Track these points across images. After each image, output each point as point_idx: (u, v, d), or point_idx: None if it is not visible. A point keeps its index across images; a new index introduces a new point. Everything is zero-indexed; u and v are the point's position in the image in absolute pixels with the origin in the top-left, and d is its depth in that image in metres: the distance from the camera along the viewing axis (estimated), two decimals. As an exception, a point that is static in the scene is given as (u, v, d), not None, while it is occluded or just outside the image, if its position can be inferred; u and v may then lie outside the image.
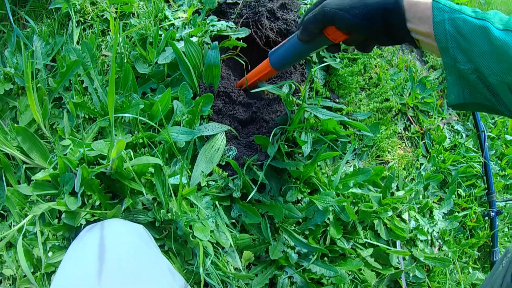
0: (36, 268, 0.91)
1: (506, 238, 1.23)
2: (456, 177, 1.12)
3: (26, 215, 0.88)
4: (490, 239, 1.17)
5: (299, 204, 0.87)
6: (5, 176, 0.90)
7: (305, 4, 1.08)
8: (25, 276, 0.88)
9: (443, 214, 1.07)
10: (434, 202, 1.08)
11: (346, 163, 0.91)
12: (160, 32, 0.94)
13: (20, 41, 1.03)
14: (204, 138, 0.83)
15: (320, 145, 0.87)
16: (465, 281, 1.11)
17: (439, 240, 1.07)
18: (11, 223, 0.89)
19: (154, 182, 0.81)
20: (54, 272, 0.85)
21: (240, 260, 0.82)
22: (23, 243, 0.87)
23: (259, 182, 0.77)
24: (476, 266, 1.16)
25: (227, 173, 0.82)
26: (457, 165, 1.14)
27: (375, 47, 1.06)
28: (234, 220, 0.83)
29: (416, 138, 1.11)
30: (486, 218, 1.17)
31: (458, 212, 1.12)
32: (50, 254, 0.90)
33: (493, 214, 1.14)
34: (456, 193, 1.12)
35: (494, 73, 0.53)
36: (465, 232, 1.14)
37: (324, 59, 0.97)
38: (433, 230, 1.02)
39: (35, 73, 1.00)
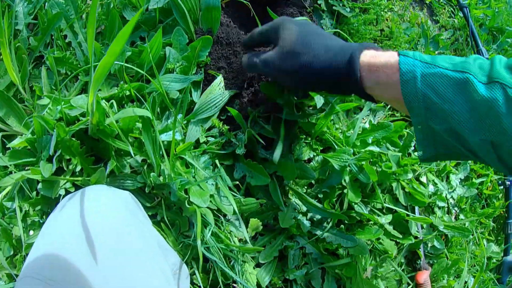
0: (17, 250, 0.70)
1: (520, 208, 1.04)
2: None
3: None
4: (505, 210, 0.98)
5: (311, 163, 0.68)
6: (-20, 146, 0.70)
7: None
8: (6, 259, 0.68)
9: (459, 180, 0.88)
10: (451, 166, 0.89)
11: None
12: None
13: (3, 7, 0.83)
14: (201, 87, 0.63)
15: (332, 98, 0.67)
16: (480, 253, 0.92)
17: (456, 208, 0.88)
18: (-13, 200, 0.69)
19: (143, 140, 0.61)
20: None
21: (246, 230, 0.62)
22: (1, 222, 0.67)
23: (282, 136, 0.57)
24: (490, 238, 0.98)
25: (228, 127, 0.61)
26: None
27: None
28: (237, 182, 0.62)
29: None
30: (501, 187, 0.98)
31: (475, 179, 0.93)
32: (31, 232, 0.70)
33: (509, 183, 0.97)
34: (472, 158, 0.94)
35: (475, 132, 0.41)
36: (480, 201, 0.96)
37: (334, 8, 0.77)
38: (451, 197, 0.84)
39: (15, 34, 0.80)
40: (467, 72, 0.41)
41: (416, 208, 0.80)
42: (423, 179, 0.81)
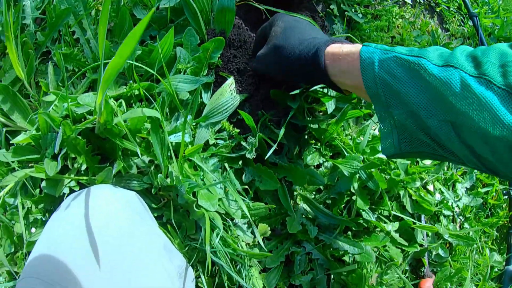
0: (17, 247, 0.69)
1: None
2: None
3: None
4: (508, 219, 0.98)
5: (320, 168, 0.67)
6: (-18, 141, 0.69)
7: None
8: (6, 256, 0.67)
9: (465, 189, 0.88)
10: (457, 175, 0.88)
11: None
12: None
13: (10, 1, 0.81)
14: (212, 89, 0.62)
15: (343, 104, 0.66)
16: (483, 262, 0.92)
17: (460, 217, 0.87)
18: (-11, 196, 0.68)
19: (151, 141, 0.60)
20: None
21: (253, 234, 0.61)
22: (3, 219, 0.66)
23: (279, 140, 0.57)
24: (493, 247, 0.98)
25: (238, 130, 0.61)
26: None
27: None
28: (246, 186, 0.62)
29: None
30: (506, 197, 0.98)
31: (480, 188, 0.93)
32: (33, 230, 0.69)
33: (513, 192, 0.96)
34: (478, 167, 0.93)
35: (433, 114, 0.42)
36: (485, 210, 0.96)
37: (346, 13, 0.77)
38: (457, 205, 0.83)
39: (22, 28, 0.79)
40: (422, 56, 0.42)
41: (422, 216, 0.79)
42: (430, 187, 0.81)
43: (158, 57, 0.64)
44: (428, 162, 0.80)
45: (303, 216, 0.64)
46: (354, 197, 0.65)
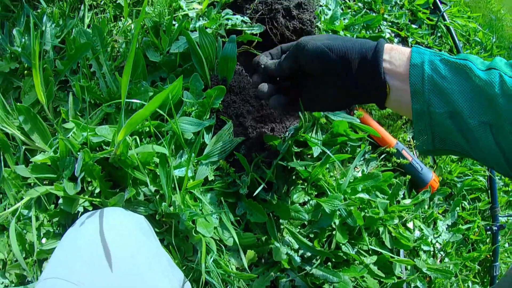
0: (28, 254, 0.83)
1: (506, 254, 1.16)
2: (462, 190, 1.05)
3: (22, 198, 0.80)
4: (491, 253, 1.10)
5: (306, 206, 0.80)
6: (3, 156, 0.82)
7: (321, 6, 1.02)
8: (16, 261, 0.80)
9: (446, 226, 1.00)
10: (438, 213, 1.01)
11: (354, 167, 0.84)
12: (173, 22, 0.87)
13: (29, 21, 0.96)
14: (213, 130, 0.76)
15: (329, 148, 0.80)
16: (463, 295, 1.04)
17: (441, 252, 1.00)
18: (6, 205, 0.81)
19: (158, 173, 0.74)
20: (46, 259, 0.77)
21: (242, 260, 0.74)
22: (16, 227, 0.79)
23: (266, 179, 0.70)
24: (475, 280, 1.10)
25: (234, 169, 0.74)
26: (463, 177, 1.07)
27: None
28: (238, 218, 0.75)
29: (424, 147, 1.04)
30: (489, 232, 1.10)
31: (462, 225, 1.05)
32: (43, 240, 0.82)
33: (496, 228, 1.08)
34: (460, 205, 1.05)
35: (475, 114, 0.48)
36: (467, 245, 1.08)
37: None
38: (437, 241, 0.95)
39: (42, 54, 0.92)
40: (467, 59, 0.49)
41: (401, 251, 0.91)
42: (410, 225, 0.93)
43: (168, 99, 0.78)
44: (407, 201, 0.92)
45: (288, 247, 0.77)
46: (334, 232, 0.78)
